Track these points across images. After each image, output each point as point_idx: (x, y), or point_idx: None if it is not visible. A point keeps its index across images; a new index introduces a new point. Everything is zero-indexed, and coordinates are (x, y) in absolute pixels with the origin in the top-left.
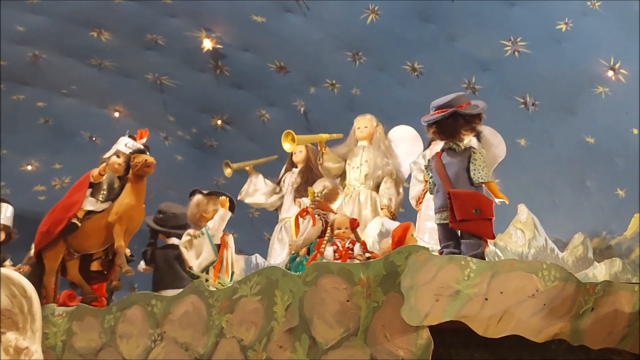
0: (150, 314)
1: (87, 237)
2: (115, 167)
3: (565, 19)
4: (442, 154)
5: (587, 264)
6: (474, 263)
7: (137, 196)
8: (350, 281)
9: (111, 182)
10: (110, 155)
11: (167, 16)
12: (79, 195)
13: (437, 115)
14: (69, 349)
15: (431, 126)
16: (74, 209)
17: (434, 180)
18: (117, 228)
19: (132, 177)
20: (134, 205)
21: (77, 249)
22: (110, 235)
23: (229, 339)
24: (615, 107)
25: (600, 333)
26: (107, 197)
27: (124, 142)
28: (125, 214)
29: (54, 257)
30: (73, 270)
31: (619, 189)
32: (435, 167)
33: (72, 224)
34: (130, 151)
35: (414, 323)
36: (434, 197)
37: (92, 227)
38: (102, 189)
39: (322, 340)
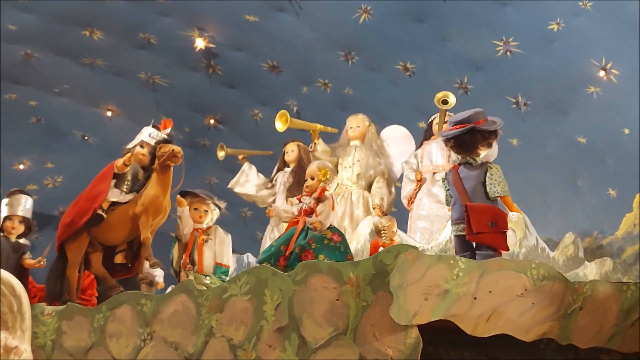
0: (139, 313)
1: (111, 229)
2: (140, 158)
3: (557, 19)
4: (459, 168)
5: (577, 264)
6: (462, 262)
7: (163, 187)
8: (340, 280)
9: (135, 173)
10: (134, 145)
11: (160, 15)
12: (103, 185)
13: (456, 131)
14: (59, 348)
15: (449, 140)
16: (99, 200)
17: (451, 192)
18: (144, 219)
19: (158, 167)
20: (161, 196)
21: (101, 241)
22: (135, 227)
23: (219, 338)
24: (606, 107)
25: (588, 332)
26: (132, 188)
27: (148, 132)
28: (151, 205)
29: (77, 250)
30: (97, 263)
31: (611, 188)
32: (452, 180)
33: (98, 215)
34: (155, 141)
35: (403, 322)
36: (451, 209)
37: (116, 218)
38: (126, 180)
39: (312, 340)
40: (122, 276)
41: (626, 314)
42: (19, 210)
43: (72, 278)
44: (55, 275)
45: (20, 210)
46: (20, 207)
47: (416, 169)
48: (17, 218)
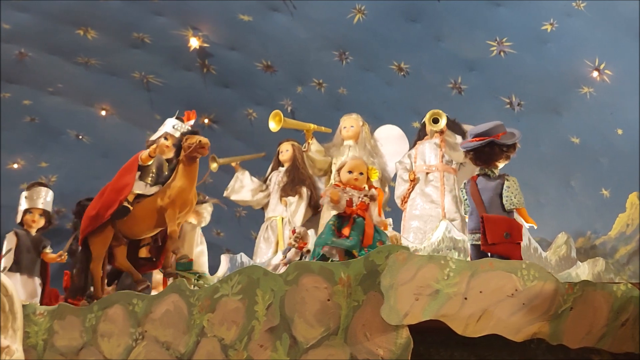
0: (131, 313)
1: (137, 221)
2: (164, 150)
3: (551, 19)
4: (477, 179)
5: (570, 264)
6: (453, 262)
7: (189, 179)
8: (331, 280)
9: (160, 165)
10: (158, 137)
11: (154, 14)
12: (129, 177)
13: (475, 143)
14: (50, 347)
15: (469, 152)
16: (125, 192)
17: (469, 202)
18: (170, 212)
19: (184, 159)
20: (187, 188)
21: (126, 234)
22: (161, 220)
23: (210, 338)
24: (600, 108)
25: (578, 332)
26: (156, 180)
27: (172, 123)
28: (178, 197)
29: (101, 243)
30: (121, 257)
31: (604, 189)
32: (470, 191)
33: (124, 208)
34: (180, 133)
35: (394, 322)
36: (468, 218)
37: (142, 211)
38: (150, 172)
39: (303, 340)
40: (147, 270)
41: (616, 314)
42: (39, 203)
43: (96, 272)
44: (79, 270)
45: (41, 203)
46: (40, 200)
47: (409, 169)
48: (38, 211)
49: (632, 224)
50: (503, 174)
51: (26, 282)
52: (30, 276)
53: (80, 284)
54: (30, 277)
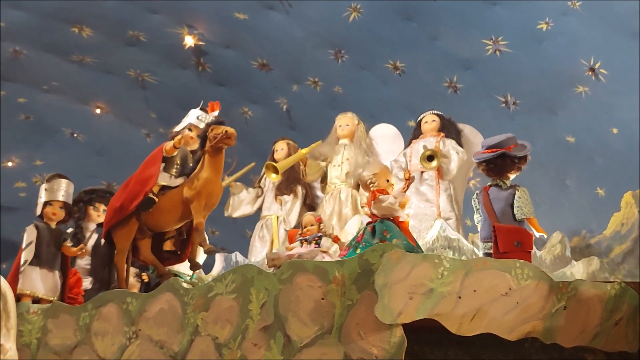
0: (125, 312)
1: (162, 213)
2: (188, 141)
3: (546, 18)
4: (489, 189)
5: (565, 263)
6: (447, 261)
7: (215, 170)
8: (325, 279)
9: (184, 157)
10: (181, 128)
11: (149, 12)
12: (153, 169)
13: (487, 155)
14: (44, 346)
15: (481, 163)
16: (150, 183)
17: (481, 212)
18: (196, 204)
19: (210, 149)
20: (213, 179)
21: (150, 226)
22: (186, 212)
23: (204, 337)
24: (595, 107)
25: (572, 331)
26: (181, 172)
27: (196, 114)
28: (204, 189)
29: (125, 236)
30: (145, 250)
31: (599, 188)
32: (482, 201)
33: (149, 199)
34: (204, 124)
35: (388, 321)
36: (480, 228)
37: (167, 203)
38: (175, 164)
39: (297, 338)
40: (171, 264)
41: (610, 313)
42: (60, 195)
43: (120, 265)
44: (102, 263)
45: (61, 195)
46: (61, 192)
47: (405, 168)
48: (58, 204)
49: (627, 223)
50: (514, 184)
51: (46, 276)
52: (51, 270)
53: (104, 278)
54: (50, 271)
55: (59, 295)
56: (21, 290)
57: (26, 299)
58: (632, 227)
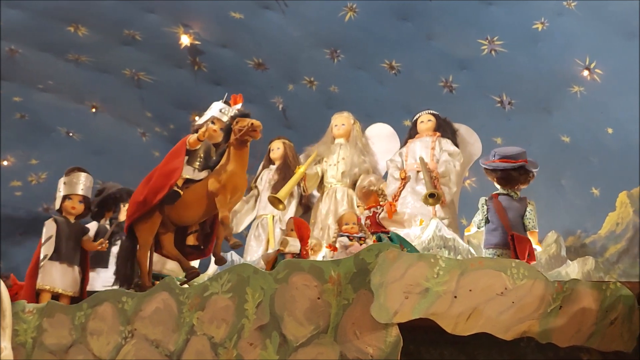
0: (120, 311)
1: (186, 207)
2: (211, 134)
3: (542, 18)
4: (499, 197)
5: (560, 262)
6: (443, 261)
7: (240, 163)
8: (321, 279)
9: (208, 150)
10: (204, 121)
11: (145, 12)
12: (177, 162)
13: (506, 165)
14: (39, 345)
15: (495, 171)
16: (174, 176)
17: (491, 218)
18: (221, 197)
19: (235, 142)
20: (238, 172)
21: (174, 220)
22: (211, 206)
23: (200, 336)
24: (590, 107)
25: (568, 331)
26: (204, 165)
27: (218, 107)
28: (229, 182)
29: (148, 230)
30: (169, 245)
31: (594, 187)
32: (495, 208)
33: (174, 192)
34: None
35: (384, 320)
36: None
37: (191, 196)
38: (198, 157)
39: (293, 338)
40: (194, 259)
41: (605, 313)
42: (79, 189)
43: (143, 260)
44: (124, 258)
45: (81, 189)
46: (80, 186)
47: (401, 167)
48: (77, 197)
49: (622, 222)
50: (524, 197)
51: (66, 272)
52: (70, 265)
53: (127, 273)
54: (70, 266)
55: (79, 291)
56: (41, 285)
57: (46, 295)
58: (627, 227)
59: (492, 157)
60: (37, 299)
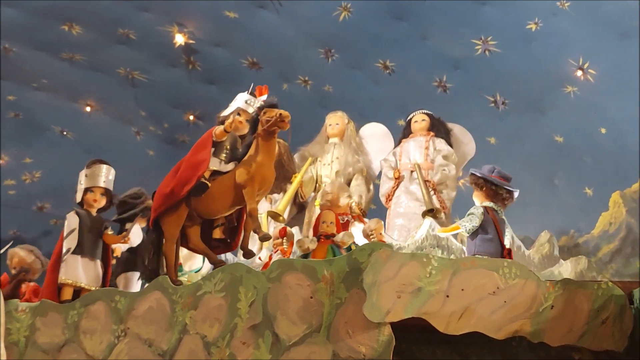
0: (114, 310)
1: (213, 199)
2: (237, 125)
3: (535, 18)
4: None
5: (553, 262)
6: (435, 260)
7: (268, 154)
8: (314, 278)
9: (234, 141)
10: (229, 113)
11: (139, 10)
12: (204, 153)
13: (504, 183)
14: (32, 344)
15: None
16: (202, 168)
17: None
18: (249, 189)
19: (262, 133)
20: (266, 164)
21: (201, 213)
22: (238, 198)
23: (193, 335)
24: (583, 107)
25: (559, 330)
26: (231, 157)
27: (244, 98)
28: (257, 173)
29: (174, 223)
30: (195, 238)
31: (587, 187)
32: (492, 220)
33: (202, 184)
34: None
35: (376, 320)
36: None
37: (218, 188)
38: (224, 148)
39: (285, 337)
40: (221, 252)
41: (597, 312)
42: (101, 181)
43: (169, 254)
44: (150, 252)
45: (103, 182)
46: (102, 178)
47: (394, 167)
48: (99, 190)
49: (615, 222)
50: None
51: (88, 265)
52: (93, 259)
53: (153, 266)
54: (92, 260)
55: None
56: (63, 280)
57: (67, 289)
58: (620, 227)
59: (489, 172)
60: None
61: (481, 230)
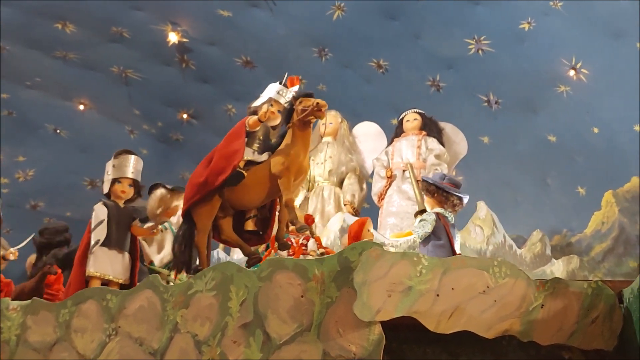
0: (105, 309)
1: (247, 190)
2: (270, 116)
3: (528, 18)
4: (444, 217)
5: (545, 261)
6: (426, 259)
7: (303, 144)
8: (305, 277)
9: (266, 132)
10: (261, 103)
11: (133, 9)
12: (238, 143)
13: (455, 190)
14: (23, 343)
15: (443, 191)
16: (237, 157)
17: (439, 234)
18: (285, 180)
19: (298, 123)
20: (302, 154)
21: (234, 204)
22: (273, 189)
23: (184, 334)
24: (576, 106)
25: (549, 329)
26: (264, 147)
27: (276, 89)
28: (293, 164)
29: (207, 214)
30: (228, 229)
31: (580, 187)
32: (444, 227)
33: (238, 173)
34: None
35: (366, 319)
36: (434, 247)
37: (252, 179)
38: (257, 138)
39: (276, 336)
40: (253, 245)
41: (586, 311)
42: (129, 172)
43: (201, 245)
44: (182, 244)
45: (130, 172)
46: (129, 169)
47: (387, 166)
48: (127, 181)
49: (607, 221)
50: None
51: (116, 258)
52: (121, 251)
53: (185, 259)
54: (120, 253)
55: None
56: (91, 272)
57: (95, 282)
58: (612, 226)
59: (440, 179)
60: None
61: (433, 236)
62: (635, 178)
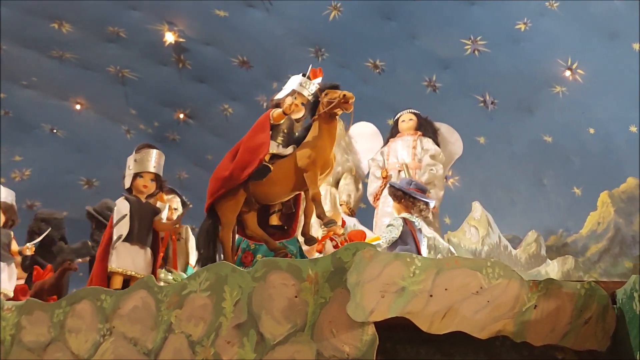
0: (99, 309)
1: (272, 184)
2: (294, 109)
3: (524, 19)
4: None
5: (540, 261)
6: (419, 260)
7: (330, 138)
8: (299, 277)
9: (291, 125)
10: (284, 96)
11: (129, 9)
12: (263, 136)
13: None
14: (18, 343)
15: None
16: (262, 150)
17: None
18: (311, 174)
19: (324, 115)
20: (328, 147)
21: (259, 198)
22: (298, 182)
23: (178, 335)
24: (572, 107)
25: (542, 330)
26: (288, 140)
27: (299, 81)
28: (319, 157)
29: (232, 209)
30: (253, 224)
31: (576, 187)
32: (411, 232)
33: (264, 167)
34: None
35: (360, 319)
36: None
37: (278, 173)
38: (281, 131)
39: (270, 336)
40: (278, 239)
41: (580, 312)
42: (151, 166)
43: (226, 240)
44: (206, 239)
45: (152, 167)
46: (151, 163)
47: (382, 166)
48: (149, 175)
49: (603, 222)
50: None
51: (138, 253)
52: (143, 247)
53: (210, 254)
54: (142, 248)
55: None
56: (114, 268)
57: (117, 278)
58: (608, 227)
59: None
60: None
61: (400, 240)
62: (631, 178)
